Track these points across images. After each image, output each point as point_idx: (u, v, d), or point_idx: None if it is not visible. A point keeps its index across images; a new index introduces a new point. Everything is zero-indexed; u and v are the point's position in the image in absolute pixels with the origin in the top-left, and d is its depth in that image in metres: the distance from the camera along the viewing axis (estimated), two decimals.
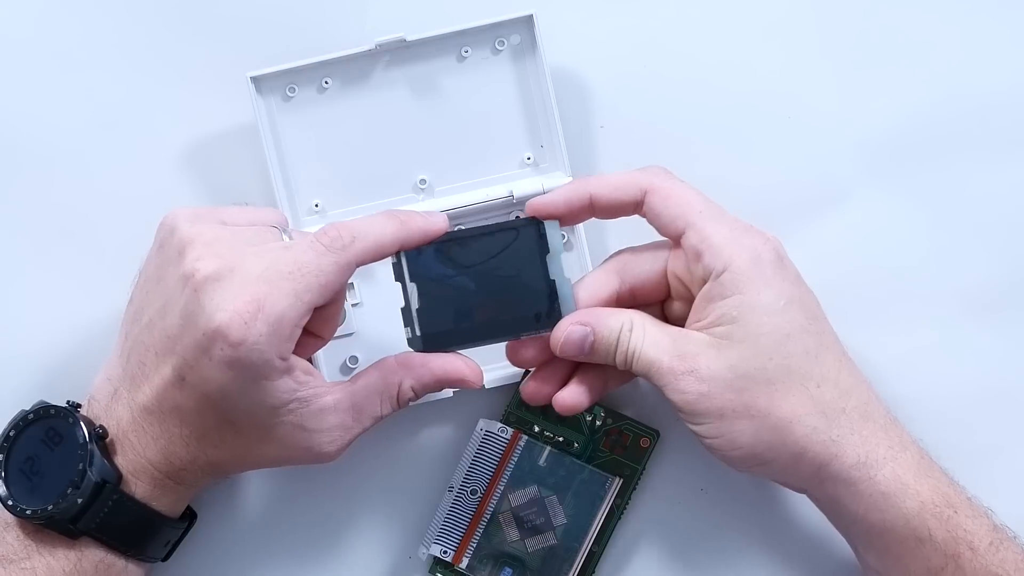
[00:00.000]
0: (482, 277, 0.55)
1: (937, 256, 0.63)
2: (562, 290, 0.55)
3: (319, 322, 0.55)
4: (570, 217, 0.56)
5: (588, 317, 0.54)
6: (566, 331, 0.54)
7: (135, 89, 0.63)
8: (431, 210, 0.57)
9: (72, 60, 0.63)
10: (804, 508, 0.62)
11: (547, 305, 0.55)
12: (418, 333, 0.55)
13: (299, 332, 0.52)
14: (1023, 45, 0.64)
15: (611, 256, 0.57)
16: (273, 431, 0.53)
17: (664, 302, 0.57)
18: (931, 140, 0.63)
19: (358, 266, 0.53)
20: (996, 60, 0.64)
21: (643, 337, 0.53)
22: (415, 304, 0.55)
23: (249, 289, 0.51)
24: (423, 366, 0.56)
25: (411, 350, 0.56)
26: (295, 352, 0.54)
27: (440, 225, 0.55)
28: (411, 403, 0.56)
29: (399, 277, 0.56)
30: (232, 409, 0.52)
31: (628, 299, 0.56)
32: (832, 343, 0.55)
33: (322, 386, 0.54)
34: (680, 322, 0.55)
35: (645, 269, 0.56)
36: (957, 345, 0.63)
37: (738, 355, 0.52)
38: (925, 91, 0.64)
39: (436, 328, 0.55)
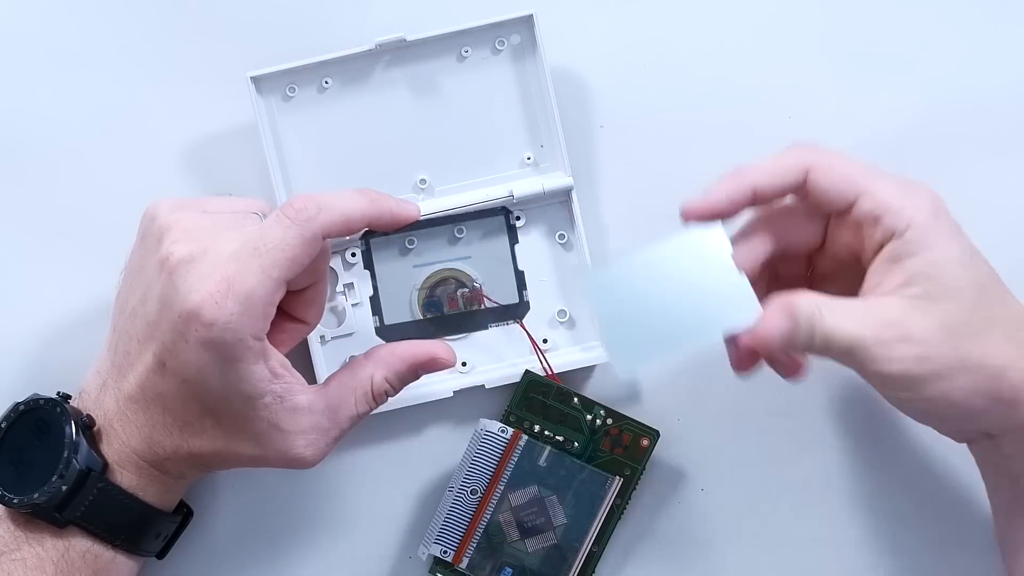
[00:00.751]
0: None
1: None
2: (744, 291, 0.51)
3: (300, 305, 0.55)
4: (732, 213, 0.53)
5: (778, 306, 0.50)
6: (776, 330, 0.50)
7: (135, 89, 0.63)
8: (406, 199, 0.57)
9: (73, 60, 0.63)
10: (803, 508, 0.62)
11: (516, 296, 0.56)
12: (385, 322, 0.56)
13: (272, 310, 0.52)
14: (1023, 45, 0.64)
15: (758, 215, 0.54)
16: (250, 425, 0.53)
17: (806, 273, 0.55)
18: (931, 140, 0.63)
19: (325, 238, 0.53)
20: (996, 60, 0.64)
21: (836, 316, 0.50)
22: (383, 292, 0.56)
23: (220, 269, 0.51)
24: (392, 354, 0.55)
25: (382, 342, 0.56)
26: (281, 340, 0.54)
27: (412, 213, 0.55)
28: (389, 397, 0.56)
29: (368, 264, 0.56)
30: (210, 395, 0.52)
31: (776, 265, 0.54)
32: (1007, 289, 0.53)
33: (297, 385, 0.53)
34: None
35: (806, 233, 0.54)
36: None
37: (944, 311, 0.50)
38: (925, 91, 0.64)
39: (403, 316, 0.56)
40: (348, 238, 0.61)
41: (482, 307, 0.58)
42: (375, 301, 0.56)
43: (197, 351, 0.51)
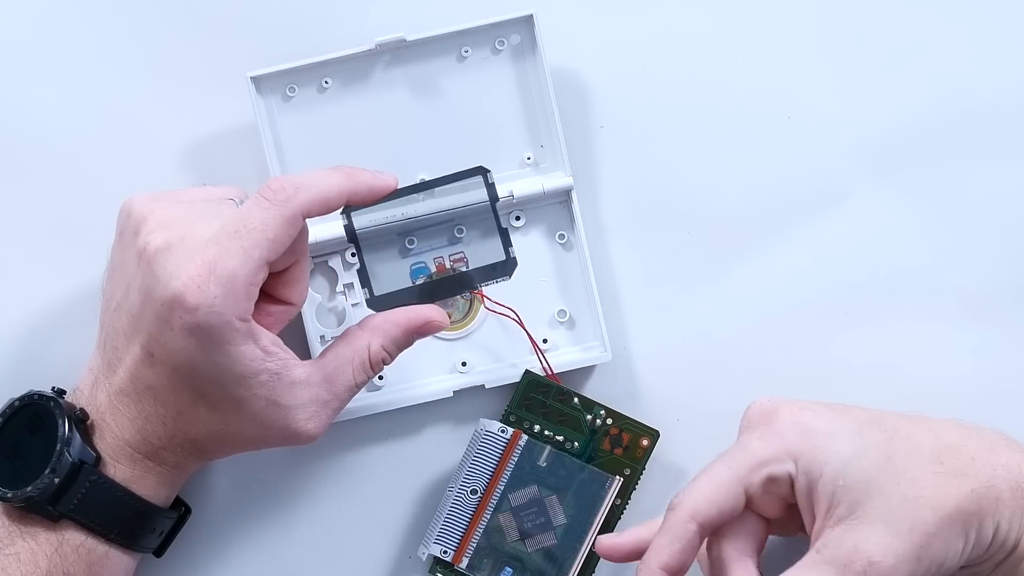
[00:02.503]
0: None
1: (937, 256, 0.63)
2: None
3: (283, 286, 0.56)
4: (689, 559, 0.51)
5: None
6: None
7: (136, 89, 0.63)
8: (381, 170, 0.57)
9: (73, 59, 0.63)
10: None
11: (503, 254, 0.56)
12: (375, 293, 0.56)
13: (255, 291, 0.52)
14: (1023, 45, 0.64)
15: (735, 454, 0.52)
16: (246, 405, 0.53)
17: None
18: (931, 140, 0.63)
19: (305, 218, 0.53)
20: (996, 60, 0.64)
21: None
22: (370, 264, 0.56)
23: (199, 254, 0.51)
24: (386, 322, 0.56)
25: (372, 312, 0.56)
26: (268, 324, 0.54)
27: (389, 182, 0.55)
28: (386, 365, 0.56)
29: (351, 238, 0.56)
30: (202, 381, 0.52)
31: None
32: (898, 421, 0.51)
33: (293, 360, 0.54)
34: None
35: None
36: (957, 345, 0.63)
37: (880, 507, 0.48)
38: (925, 91, 0.64)
39: (392, 286, 0.56)
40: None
41: (469, 267, 0.58)
42: (363, 273, 0.56)
43: (183, 338, 0.51)
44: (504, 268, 0.57)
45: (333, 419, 0.55)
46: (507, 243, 0.57)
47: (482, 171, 0.56)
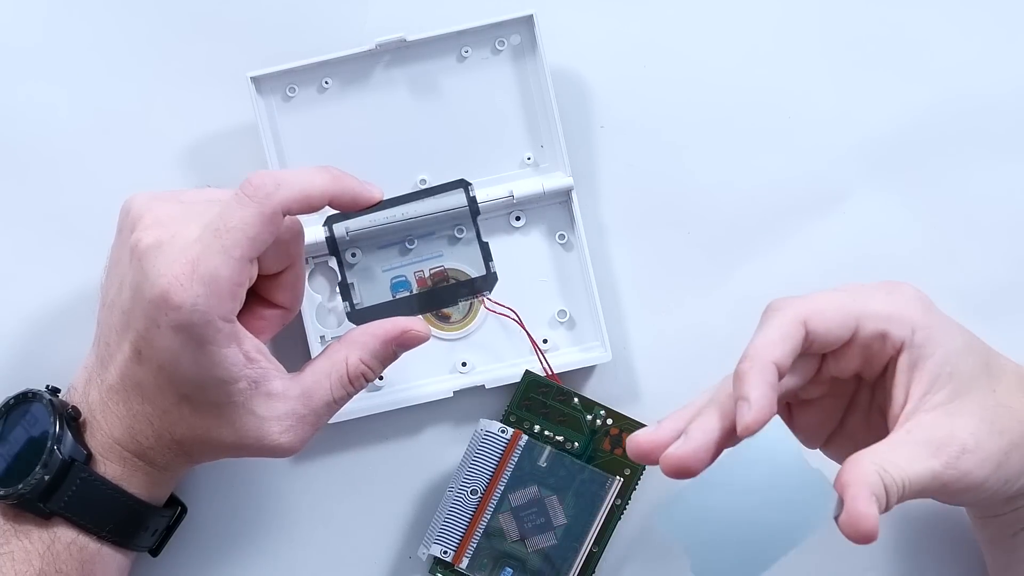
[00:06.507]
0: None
1: (937, 256, 0.63)
2: (818, 482, 0.49)
3: (278, 290, 0.56)
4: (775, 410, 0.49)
5: (856, 491, 0.46)
6: (873, 519, 0.46)
7: (136, 89, 0.63)
8: (370, 181, 0.56)
9: (73, 59, 0.63)
10: None
11: (483, 269, 0.56)
12: (355, 306, 0.56)
13: (240, 291, 0.52)
14: (1023, 45, 0.64)
15: (784, 307, 0.51)
16: (226, 411, 0.53)
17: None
18: (931, 140, 0.63)
19: (286, 215, 0.52)
20: (996, 60, 0.64)
21: (900, 467, 0.47)
22: (351, 277, 0.56)
23: (185, 252, 0.51)
24: (364, 334, 0.55)
25: (353, 326, 0.56)
26: (260, 327, 0.55)
27: (374, 194, 0.55)
28: (368, 380, 0.55)
29: (333, 250, 0.56)
30: (185, 381, 0.52)
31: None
32: (988, 345, 0.53)
33: (273, 371, 0.53)
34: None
35: (807, 375, 0.51)
36: None
37: (975, 403, 0.49)
38: (925, 91, 0.64)
39: (374, 300, 0.56)
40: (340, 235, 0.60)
41: (448, 282, 0.58)
42: (343, 287, 0.56)
43: (169, 336, 0.51)
44: (485, 283, 0.57)
45: (312, 434, 0.55)
46: (487, 257, 0.56)
47: (463, 184, 0.56)
